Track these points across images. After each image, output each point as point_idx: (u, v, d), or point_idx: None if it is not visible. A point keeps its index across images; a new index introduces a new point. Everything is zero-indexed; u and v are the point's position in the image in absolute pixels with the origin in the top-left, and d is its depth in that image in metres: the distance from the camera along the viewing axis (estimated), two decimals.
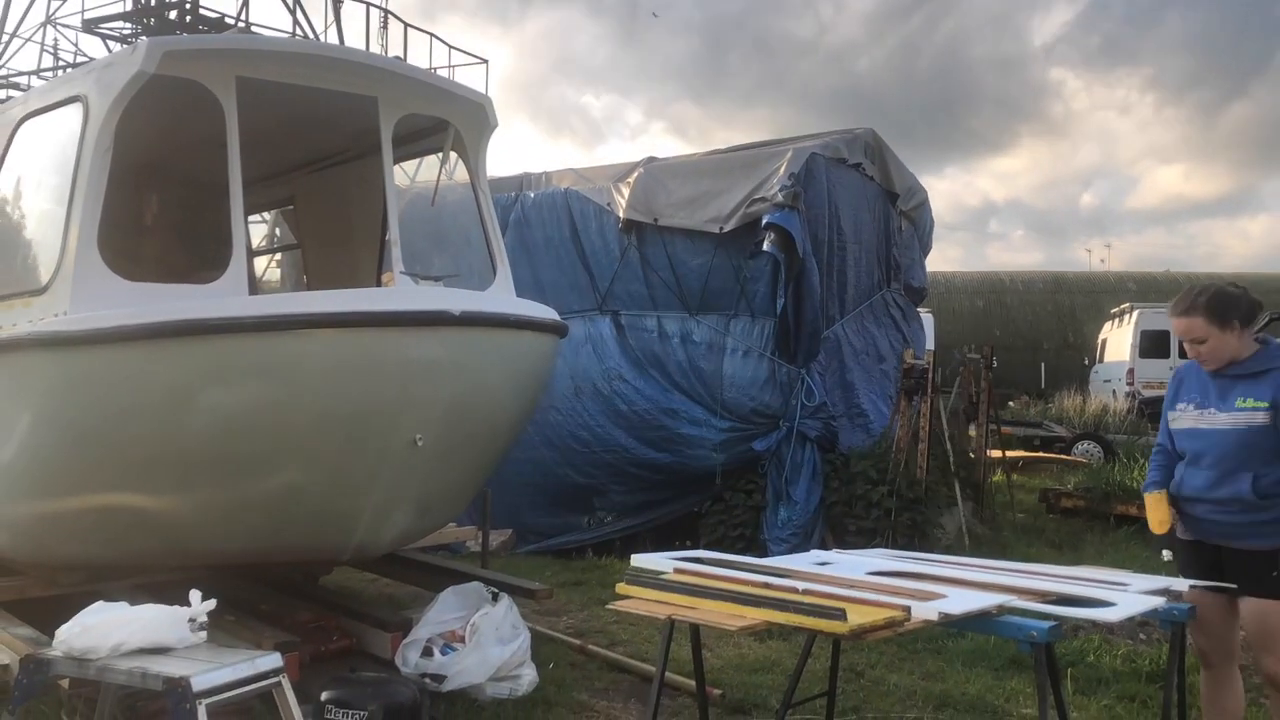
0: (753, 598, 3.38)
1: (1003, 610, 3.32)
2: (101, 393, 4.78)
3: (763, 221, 8.73)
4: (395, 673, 5.03)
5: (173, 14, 10.68)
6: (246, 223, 6.83)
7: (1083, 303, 31.35)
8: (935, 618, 3.19)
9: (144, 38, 5.47)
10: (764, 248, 8.70)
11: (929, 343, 12.43)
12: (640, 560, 4.08)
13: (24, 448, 5.18)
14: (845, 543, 8.18)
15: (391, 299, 4.92)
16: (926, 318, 14.83)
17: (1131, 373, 22.03)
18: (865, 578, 3.81)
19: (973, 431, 10.78)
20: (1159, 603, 3.54)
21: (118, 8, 11.30)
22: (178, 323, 4.57)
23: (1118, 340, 23.59)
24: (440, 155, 6.45)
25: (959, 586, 3.65)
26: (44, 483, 5.19)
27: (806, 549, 7.29)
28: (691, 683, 4.47)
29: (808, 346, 9.04)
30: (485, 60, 14.18)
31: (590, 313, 9.75)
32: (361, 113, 5.78)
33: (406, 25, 13.88)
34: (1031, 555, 8.68)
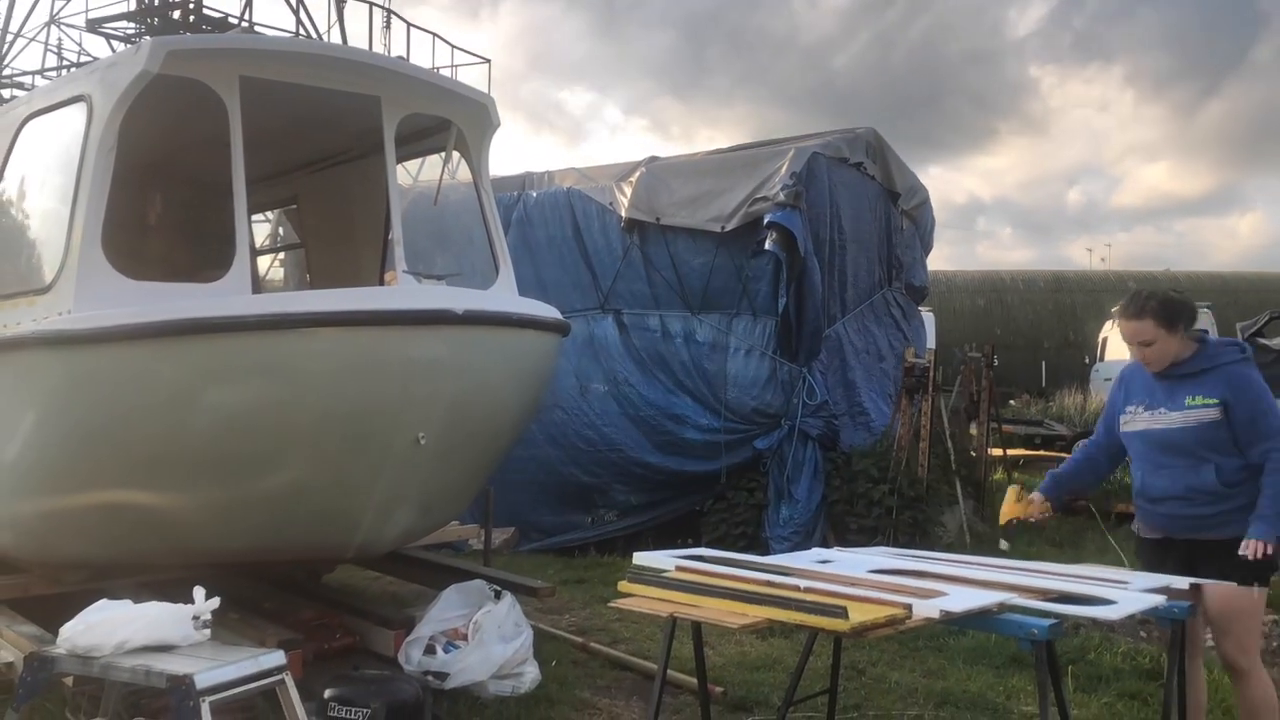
0: (755, 596, 3.39)
1: (1004, 608, 3.33)
2: (105, 391, 4.79)
3: (764, 221, 8.75)
4: (398, 670, 5.04)
5: (176, 14, 10.70)
6: (250, 222, 6.85)
7: (1083, 301, 31.29)
8: (936, 615, 3.20)
9: (147, 37, 5.47)
10: (765, 247, 8.71)
11: (930, 341, 12.44)
12: (642, 558, 4.08)
13: (28, 446, 5.19)
14: (847, 541, 8.19)
15: (394, 298, 4.93)
16: (927, 316, 14.82)
17: None
18: (867, 576, 3.82)
19: (974, 430, 10.79)
20: (1159, 601, 3.54)
21: (121, 7, 11.32)
22: (181, 322, 4.58)
23: (1118, 339, 23.52)
24: (443, 154, 6.45)
25: (960, 584, 3.66)
26: (48, 481, 5.20)
27: (808, 547, 7.30)
28: (693, 680, 4.48)
29: (809, 345, 9.06)
30: (488, 60, 14.18)
31: (593, 312, 9.77)
32: (364, 112, 5.79)
33: (409, 25, 13.90)
34: (1032, 553, 8.68)
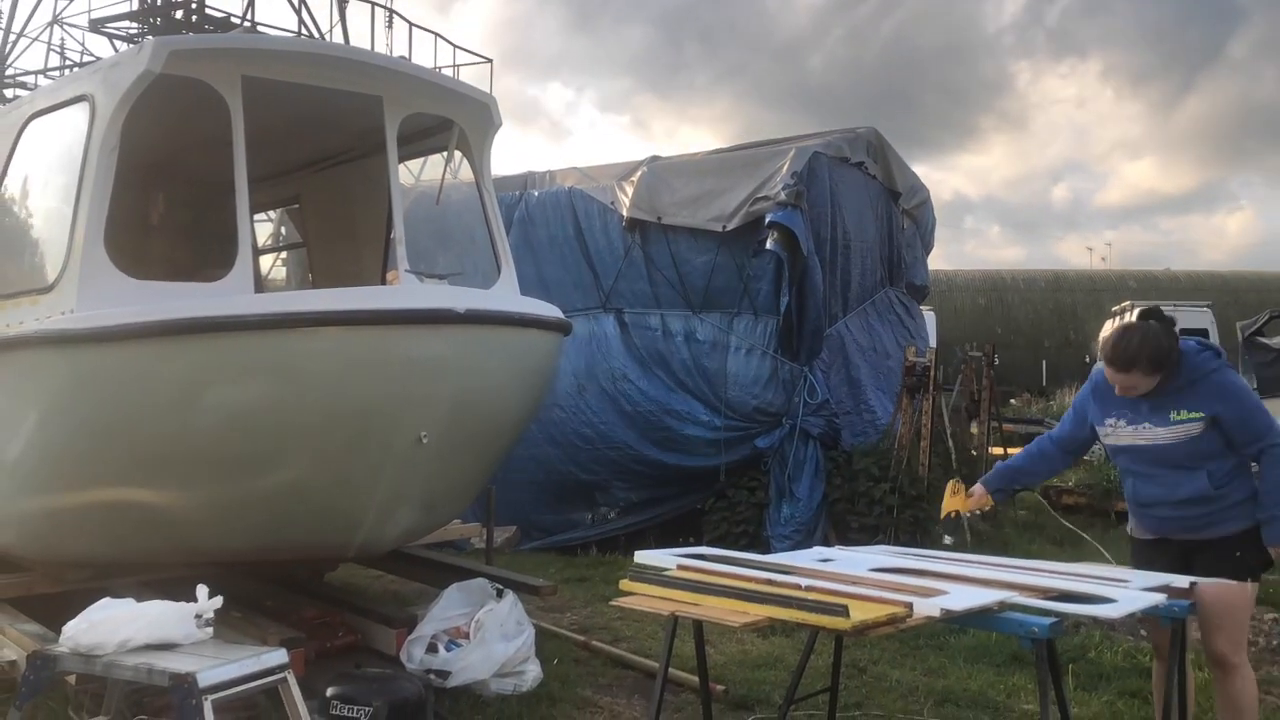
0: (756, 594, 3.40)
1: (1004, 607, 3.34)
2: (108, 391, 4.80)
3: (766, 220, 8.76)
4: (400, 669, 5.05)
5: (179, 14, 10.71)
6: (252, 221, 6.87)
7: (1084, 301, 31.33)
8: (937, 614, 3.20)
9: (150, 37, 5.49)
10: (767, 246, 8.72)
11: (931, 340, 12.44)
12: (644, 557, 4.09)
13: (31, 445, 5.20)
14: (848, 539, 8.20)
15: (396, 297, 4.93)
16: (928, 315, 14.82)
17: None
18: (868, 574, 3.82)
19: (974, 429, 10.80)
20: (1159, 599, 3.55)
21: (124, 7, 11.33)
22: (184, 321, 4.59)
23: None
24: (445, 154, 6.46)
25: (961, 583, 3.67)
26: (51, 480, 5.21)
27: (809, 546, 7.31)
28: (694, 679, 4.48)
29: (810, 344, 9.07)
30: (489, 60, 14.16)
31: (594, 311, 9.78)
32: (366, 112, 5.80)
33: (411, 24, 13.88)
34: (1033, 552, 8.69)
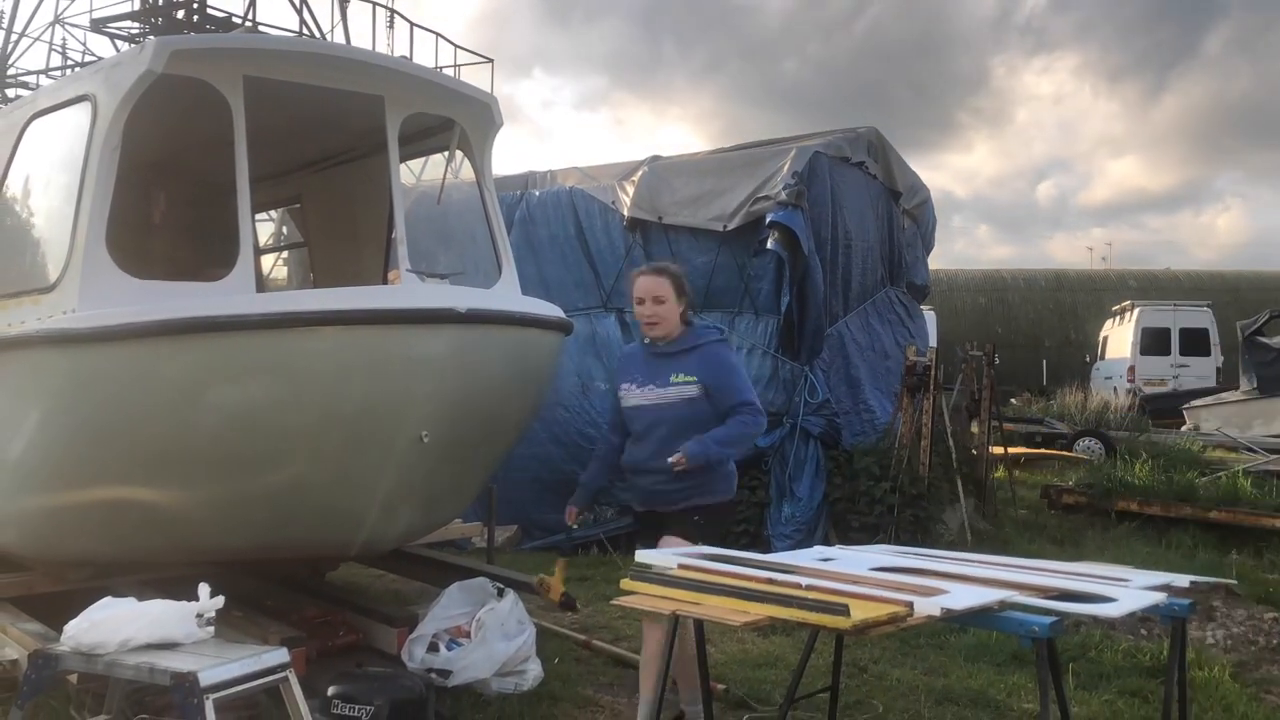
0: (756, 593, 3.40)
1: (1005, 606, 3.34)
2: (109, 390, 4.80)
3: (766, 220, 8.76)
4: (401, 668, 5.05)
5: (180, 13, 10.71)
6: (254, 221, 6.87)
7: (1084, 300, 31.37)
8: (938, 613, 3.21)
9: (152, 37, 5.49)
10: (768, 246, 8.73)
11: (931, 340, 12.45)
12: (645, 556, 4.09)
13: (32, 444, 5.20)
14: (848, 539, 8.20)
15: (397, 296, 4.93)
16: (929, 315, 14.85)
17: (1132, 369, 22.08)
18: (868, 573, 3.83)
19: (975, 428, 10.80)
20: (1160, 598, 3.55)
21: (125, 7, 11.33)
22: (185, 320, 4.59)
23: (1119, 337, 23.62)
24: (446, 154, 6.47)
25: (961, 582, 3.67)
26: (52, 479, 5.22)
27: (810, 545, 7.33)
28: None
29: (811, 344, 9.07)
30: (490, 60, 14.16)
31: (595, 310, 9.78)
32: (368, 112, 5.80)
33: (412, 24, 13.89)
34: (1033, 551, 8.69)
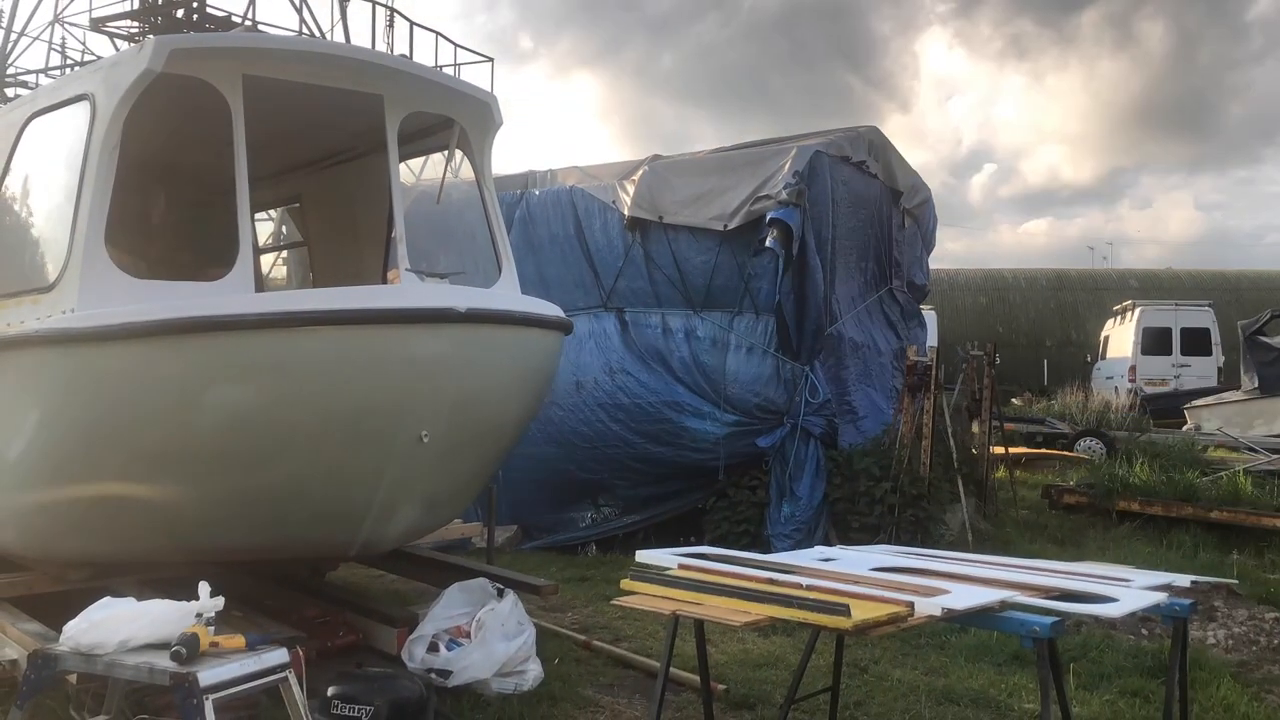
0: (757, 594, 3.40)
1: (1005, 606, 3.34)
2: (109, 390, 4.80)
3: (766, 219, 8.75)
4: (401, 668, 5.05)
5: (180, 13, 10.66)
6: (253, 220, 6.86)
7: (1085, 300, 31.34)
8: (939, 613, 3.21)
9: (151, 36, 5.48)
10: (767, 244, 8.72)
11: (932, 339, 12.45)
12: (645, 556, 4.09)
13: (32, 444, 5.20)
14: (849, 539, 8.19)
15: (397, 296, 4.94)
16: (929, 315, 14.84)
17: (1133, 369, 22.04)
18: (869, 574, 3.83)
19: (976, 428, 10.79)
20: (1161, 598, 3.56)
21: (125, 6, 11.28)
22: (185, 320, 4.59)
23: (1120, 337, 23.60)
24: (446, 153, 6.46)
25: (962, 582, 3.67)
26: (52, 479, 5.21)
27: (810, 545, 7.32)
28: (696, 678, 4.49)
29: (811, 343, 9.07)
30: (490, 59, 14.12)
31: (595, 310, 9.77)
32: (367, 111, 5.80)
33: (412, 24, 13.85)
34: (1034, 551, 8.68)
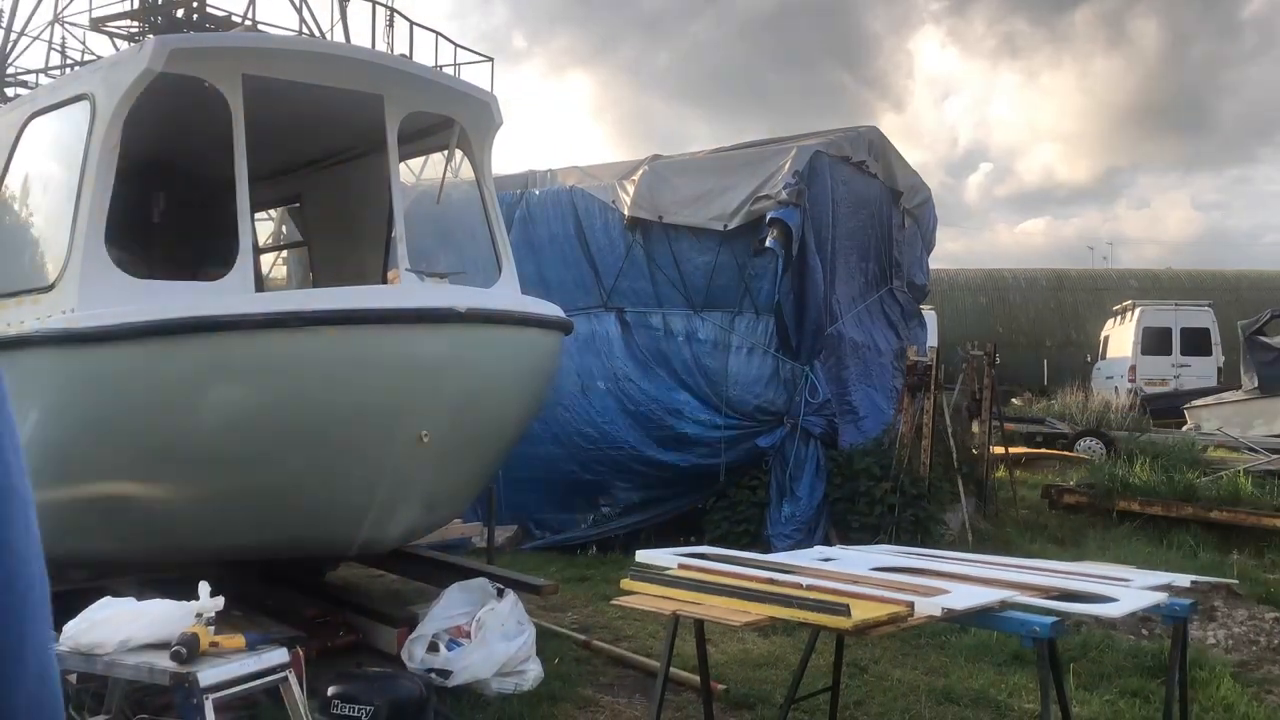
0: (757, 593, 3.40)
1: (1006, 606, 3.34)
2: (108, 390, 4.80)
3: (766, 219, 8.76)
4: (401, 668, 5.05)
5: (180, 12, 10.67)
6: (253, 220, 6.86)
7: (1085, 300, 31.33)
8: (939, 613, 3.21)
9: (151, 36, 5.49)
10: (767, 244, 8.72)
11: (932, 339, 12.45)
12: (645, 556, 4.09)
13: (31, 444, 5.16)
14: (849, 539, 8.19)
15: (397, 296, 4.94)
16: (929, 315, 14.83)
17: (1133, 369, 22.04)
18: (869, 573, 3.83)
19: (976, 428, 10.79)
20: (1161, 598, 3.56)
21: (125, 6, 11.29)
22: (185, 320, 4.59)
23: (1120, 337, 23.60)
24: (445, 153, 6.46)
25: (962, 582, 3.67)
26: (52, 479, 5.21)
27: (810, 545, 7.31)
28: (696, 678, 4.48)
29: (811, 344, 9.07)
30: (490, 59, 14.14)
31: (595, 310, 9.77)
32: (367, 110, 5.80)
33: (412, 23, 13.86)
34: (1034, 551, 8.68)
